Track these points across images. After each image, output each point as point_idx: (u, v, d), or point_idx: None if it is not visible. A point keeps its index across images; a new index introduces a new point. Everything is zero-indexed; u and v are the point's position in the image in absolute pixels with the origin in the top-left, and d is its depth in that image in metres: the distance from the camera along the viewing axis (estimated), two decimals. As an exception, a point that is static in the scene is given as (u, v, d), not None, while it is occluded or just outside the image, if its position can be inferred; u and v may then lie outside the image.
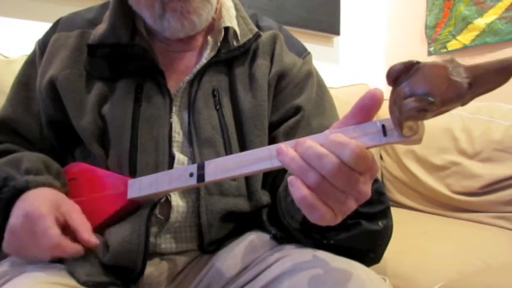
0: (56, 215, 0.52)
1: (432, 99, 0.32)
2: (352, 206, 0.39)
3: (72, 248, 0.52)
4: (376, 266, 0.57)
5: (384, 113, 0.38)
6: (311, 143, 0.38)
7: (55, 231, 0.50)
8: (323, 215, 0.38)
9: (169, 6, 0.60)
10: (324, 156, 0.36)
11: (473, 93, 0.32)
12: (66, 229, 0.53)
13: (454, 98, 0.32)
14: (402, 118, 0.34)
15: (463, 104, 0.33)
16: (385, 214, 0.54)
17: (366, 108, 0.38)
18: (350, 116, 0.39)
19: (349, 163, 0.36)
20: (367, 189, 0.39)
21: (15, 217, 0.52)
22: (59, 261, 0.54)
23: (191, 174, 0.49)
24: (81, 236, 0.53)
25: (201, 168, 0.49)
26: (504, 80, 0.31)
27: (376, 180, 0.53)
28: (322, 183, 0.37)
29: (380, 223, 0.53)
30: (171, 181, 0.52)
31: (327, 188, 0.37)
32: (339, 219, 0.39)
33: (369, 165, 0.37)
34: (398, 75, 0.34)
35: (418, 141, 0.37)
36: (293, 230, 0.56)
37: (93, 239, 0.53)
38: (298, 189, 0.38)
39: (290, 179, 0.39)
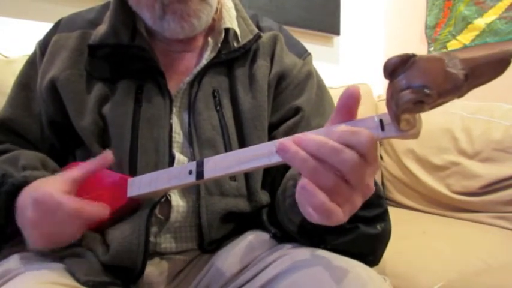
0: (62, 188, 0.51)
1: (429, 91, 0.32)
2: (359, 202, 0.38)
3: (95, 208, 0.51)
4: (376, 265, 0.57)
5: (383, 112, 0.38)
6: (321, 138, 0.37)
7: (71, 198, 0.50)
8: (337, 218, 0.37)
9: (169, 8, 0.60)
10: (342, 151, 0.35)
11: (469, 85, 0.32)
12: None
13: (450, 90, 0.32)
14: (399, 111, 0.34)
15: (459, 96, 0.33)
16: (384, 217, 0.54)
17: (347, 106, 0.38)
18: (334, 116, 0.40)
19: (363, 151, 0.35)
20: (371, 183, 0.38)
21: (27, 210, 0.51)
22: (59, 261, 0.54)
23: (190, 172, 0.49)
24: (98, 165, 0.53)
25: (200, 165, 0.49)
26: (500, 72, 0.31)
27: (374, 183, 0.53)
28: (338, 184, 0.36)
29: (378, 226, 0.53)
30: (170, 179, 0.52)
31: (341, 188, 0.36)
32: (346, 218, 0.38)
33: (376, 154, 0.37)
34: (395, 68, 0.34)
35: (416, 135, 0.37)
36: (291, 232, 0.56)
37: (106, 156, 0.54)
38: (314, 195, 0.36)
39: (303, 184, 0.37)
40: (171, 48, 0.67)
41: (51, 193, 0.50)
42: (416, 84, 0.33)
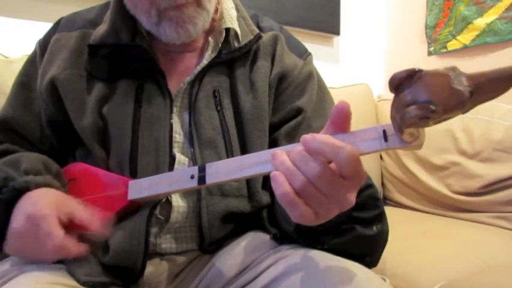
0: (58, 215, 0.52)
1: (434, 107, 0.32)
2: (334, 211, 0.40)
3: (77, 248, 0.51)
4: (374, 267, 0.57)
5: (383, 112, 0.38)
6: (301, 148, 0.39)
7: (59, 233, 0.50)
8: (303, 214, 0.39)
9: (165, 15, 0.59)
10: (311, 160, 0.38)
11: (474, 101, 0.32)
12: (70, 229, 0.53)
13: (455, 106, 0.32)
14: (404, 125, 0.35)
15: (464, 112, 0.33)
16: (380, 219, 0.55)
17: (339, 120, 0.40)
18: (327, 126, 0.41)
19: (342, 166, 0.37)
20: (350, 197, 0.39)
21: (18, 220, 0.52)
22: (59, 261, 0.54)
23: (192, 176, 0.50)
24: (92, 229, 0.53)
25: (202, 170, 0.49)
26: (505, 89, 0.32)
27: (371, 186, 0.54)
28: (308, 187, 0.38)
29: (374, 228, 0.54)
30: (171, 183, 0.52)
31: (311, 191, 0.38)
32: (320, 221, 0.41)
33: (358, 171, 0.38)
34: (401, 82, 0.35)
35: (419, 147, 0.38)
36: (289, 233, 0.56)
37: (104, 229, 0.53)
38: (280, 185, 0.39)
39: (273, 174, 0.39)
40: (172, 48, 0.67)
41: (48, 219, 0.50)
42: (422, 100, 0.33)
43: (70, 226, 0.53)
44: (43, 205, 0.52)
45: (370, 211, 0.53)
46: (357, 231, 0.52)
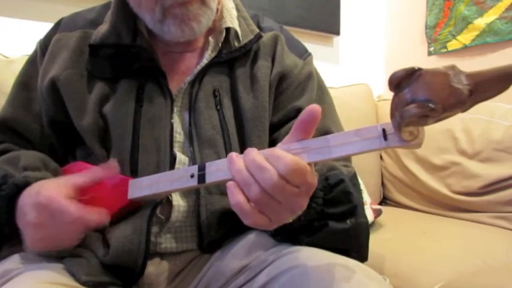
0: (65, 192, 0.51)
1: (433, 106, 0.32)
2: (286, 216, 0.42)
3: (96, 215, 0.51)
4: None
5: (383, 112, 0.38)
6: (255, 154, 0.41)
7: (72, 205, 0.49)
8: (255, 222, 0.41)
9: (169, 12, 0.60)
10: (266, 169, 0.39)
11: (473, 100, 0.33)
12: (82, 202, 0.52)
13: (454, 105, 0.32)
14: (403, 123, 0.35)
15: (463, 111, 0.34)
16: (353, 212, 0.55)
17: (305, 122, 0.42)
18: (290, 133, 0.43)
19: (284, 175, 0.39)
20: (301, 202, 0.41)
21: (29, 212, 0.51)
22: (59, 261, 0.54)
23: (192, 175, 0.50)
24: (102, 174, 0.54)
25: (201, 169, 0.49)
26: (504, 88, 0.32)
27: (343, 181, 0.55)
28: (263, 196, 0.39)
29: (348, 221, 0.54)
30: (171, 182, 0.52)
31: (266, 201, 0.40)
32: (274, 226, 0.43)
33: (303, 179, 0.39)
34: (400, 81, 0.35)
35: (418, 145, 0.38)
36: (269, 232, 0.57)
37: (111, 165, 0.55)
38: (234, 194, 0.40)
39: (228, 184, 0.41)
40: (172, 48, 0.67)
41: (56, 198, 0.50)
42: (421, 98, 0.33)
43: (80, 200, 0.52)
44: (46, 189, 0.51)
45: (342, 206, 0.54)
46: (330, 226, 0.53)
